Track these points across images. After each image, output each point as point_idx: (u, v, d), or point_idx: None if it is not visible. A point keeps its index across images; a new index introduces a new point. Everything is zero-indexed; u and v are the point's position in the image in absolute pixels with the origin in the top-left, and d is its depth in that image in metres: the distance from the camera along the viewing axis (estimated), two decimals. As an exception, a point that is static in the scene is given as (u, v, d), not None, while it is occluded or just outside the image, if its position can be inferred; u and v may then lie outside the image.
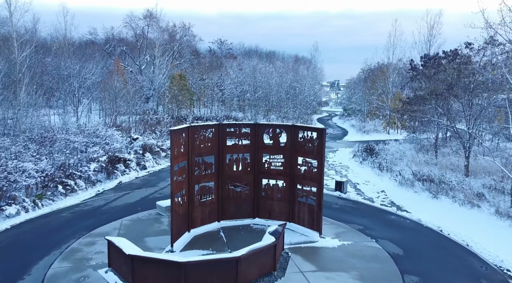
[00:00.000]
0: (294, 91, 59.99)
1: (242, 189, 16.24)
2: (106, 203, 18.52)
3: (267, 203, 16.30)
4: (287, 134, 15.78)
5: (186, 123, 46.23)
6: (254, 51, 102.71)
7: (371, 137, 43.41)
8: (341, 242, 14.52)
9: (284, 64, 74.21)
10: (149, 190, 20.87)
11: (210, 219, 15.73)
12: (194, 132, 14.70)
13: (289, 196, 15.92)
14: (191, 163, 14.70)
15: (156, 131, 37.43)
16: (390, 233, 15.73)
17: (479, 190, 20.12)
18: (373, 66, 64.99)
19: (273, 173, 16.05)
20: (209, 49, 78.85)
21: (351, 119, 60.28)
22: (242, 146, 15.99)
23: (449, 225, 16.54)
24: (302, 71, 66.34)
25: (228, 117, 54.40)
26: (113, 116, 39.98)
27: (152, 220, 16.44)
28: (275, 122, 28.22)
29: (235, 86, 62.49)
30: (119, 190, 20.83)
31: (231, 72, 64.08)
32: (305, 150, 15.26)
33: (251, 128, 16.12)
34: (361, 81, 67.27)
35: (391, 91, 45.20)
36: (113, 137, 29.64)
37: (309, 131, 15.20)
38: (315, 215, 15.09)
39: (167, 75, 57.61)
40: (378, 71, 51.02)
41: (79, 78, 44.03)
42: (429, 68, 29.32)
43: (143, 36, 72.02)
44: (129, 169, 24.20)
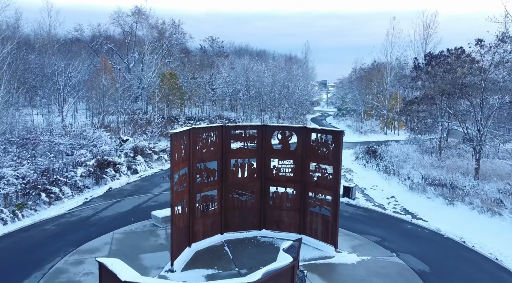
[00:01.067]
0: (288, 91, 58.60)
1: (248, 198, 14.69)
2: (95, 212, 16.74)
3: (275, 213, 14.78)
4: (298, 137, 14.28)
5: (177, 123, 44.46)
6: (245, 50, 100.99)
7: (369, 138, 42.20)
8: (359, 257, 13.07)
9: (276, 63, 72.74)
10: (142, 197, 19.14)
11: (212, 231, 14.15)
12: (195, 135, 13.10)
13: (300, 206, 14.42)
14: (192, 170, 13.10)
15: (147, 132, 35.59)
16: (410, 245, 14.37)
17: (496, 195, 18.94)
18: (366, 65, 64.19)
19: (282, 180, 14.54)
20: (200, 47, 76.90)
21: (346, 119, 59.17)
22: (248, 151, 14.45)
23: (472, 235, 15.26)
24: (295, 70, 64.89)
25: (221, 117, 52.71)
26: (101, 116, 37.95)
27: (147, 232, 14.75)
28: (284, 124, 26.65)
29: (227, 85, 60.80)
30: (109, 197, 19.05)
31: (223, 70, 62.35)
32: (319, 154, 13.78)
33: (258, 131, 14.58)
34: (354, 80, 66.35)
35: (388, 91, 44.13)
36: (102, 139, 27.76)
37: (324, 133, 13.73)
38: (330, 227, 13.62)
39: (157, 74, 55.62)
40: (376, 70, 49.96)
41: (64, 76, 41.84)
42: (435, 67, 28.18)
43: (131, 33, 69.77)
44: (120, 174, 22.40)
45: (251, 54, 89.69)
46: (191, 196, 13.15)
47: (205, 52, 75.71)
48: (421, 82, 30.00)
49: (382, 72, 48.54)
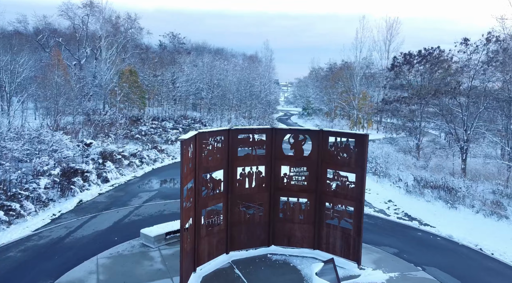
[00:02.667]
0: (253, 89, 57.13)
1: (256, 211, 12.93)
2: (69, 232, 14.14)
3: (286, 227, 13.15)
4: (313, 141, 12.74)
5: (142, 124, 41.34)
6: (202, 47, 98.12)
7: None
8: (387, 275, 11.78)
9: (237, 61, 71.01)
10: (121, 211, 16.68)
11: (217, 251, 12.26)
12: (201, 141, 11.15)
13: (315, 218, 12.90)
14: (197, 181, 11.14)
15: (110, 134, 32.41)
16: (431, 256, 13.35)
17: (491, 196, 18.65)
18: (328, 64, 64.31)
19: (294, 189, 12.93)
20: (160, 44, 73.14)
21: (313, 119, 58.76)
22: (256, 157, 12.68)
23: (486, 242, 14.60)
24: (260, 69, 63.61)
25: (185, 117, 50.06)
26: (56, 117, 34.11)
27: (138, 255, 12.51)
28: (296, 127, 24.91)
29: (190, 84, 58.12)
30: (81, 212, 16.40)
31: (185, 68, 59.57)
32: (338, 161, 12.32)
33: (267, 134, 12.87)
34: (320, 80, 66.28)
35: (358, 90, 44.04)
36: (62, 143, 24.53)
37: (344, 137, 12.28)
38: (352, 241, 12.22)
39: (114, 71, 51.75)
40: (343, 70, 49.78)
41: (8, 72, 37.26)
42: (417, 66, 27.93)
43: (82, 27, 64.74)
44: (89, 183, 19.66)
45: (209, 52, 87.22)
46: (197, 213, 11.21)
47: (165, 48, 72.13)
48: (400, 80, 29.65)
49: (350, 71, 48.45)
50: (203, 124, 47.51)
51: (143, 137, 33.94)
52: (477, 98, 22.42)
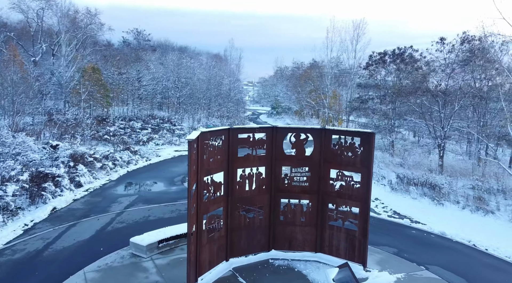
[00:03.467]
0: (222, 88, 56.15)
1: (256, 214, 12.26)
2: (47, 244, 12.78)
3: (287, 230, 12.57)
4: (315, 140, 12.25)
5: (108, 124, 39.26)
6: (165, 45, 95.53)
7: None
8: (393, 276, 11.51)
9: (202, 59, 69.75)
10: (102, 218, 15.40)
11: (218, 258, 11.49)
12: (203, 142, 10.32)
13: (317, 220, 12.43)
14: (200, 185, 10.31)
15: (77, 135, 30.38)
16: (430, 255, 13.30)
17: (476, 193, 19.10)
18: (293, 65, 64.61)
19: (295, 190, 12.38)
20: (123, 40, 70.15)
21: (282, 118, 58.68)
22: (256, 158, 12.01)
23: (478, 237, 14.80)
24: (227, 68, 62.73)
25: (153, 116, 48.21)
26: (15, 117, 31.52)
27: (129, 267, 11.46)
28: (297, 125, 24.18)
29: (156, 82, 56.17)
30: (57, 221, 14.97)
31: (151, 66, 57.51)
32: (342, 160, 11.90)
33: (267, 134, 12.22)
34: (282, 79, 66.55)
35: (329, 89, 44.34)
36: (25, 145, 22.55)
37: (349, 135, 11.87)
38: (357, 243, 11.85)
39: (75, 68, 48.89)
40: (315, 69, 49.96)
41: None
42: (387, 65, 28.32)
43: (37, 21, 60.79)
44: (61, 189, 18.10)
45: (173, 50, 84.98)
46: (199, 218, 10.37)
47: (128, 45, 69.34)
48: (374, 79, 29.97)
49: (319, 70, 48.70)
50: (172, 124, 46.00)
51: (112, 138, 32.15)
52: (454, 97, 22.97)
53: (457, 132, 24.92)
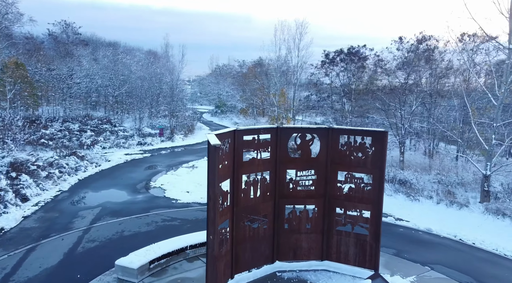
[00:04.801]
0: (164, 86, 53.29)
1: (260, 224, 11.14)
2: (5, 276, 10.40)
3: (292, 239, 11.62)
4: (321, 140, 11.43)
5: (40, 126, 34.90)
6: (92, 40, 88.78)
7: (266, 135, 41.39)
8: (406, 280, 11.16)
9: (143, 55, 65.99)
10: (66, 237, 13.11)
11: (225, 277, 10.20)
12: (215, 146, 8.92)
13: (323, 226, 11.64)
14: (217, 194, 8.91)
15: (7, 139, 26.36)
16: (428, 253, 13.25)
17: (444, 187, 19.79)
18: (236, 63, 63.79)
19: (301, 195, 11.47)
20: (49, 33, 63.42)
21: (228, 117, 57.42)
22: (261, 162, 10.89)
23: (463, 232, 15.15)
24: (168, 65, 59.71)
25: (90, 117, 44.09)
26: None
27: (120, 296, 9.68)
28: (301, 125, 22.70)
29: (90, 80, 51.65)
30: (9, 244, 12.42)
31: (84, 62, 52.73)
32: (351, 161, 11.23)
33: (271, 134, 11.13)
34: (222, 77, 65.40)
35: (278, 88, 44.06)
36: None
37: (359, 135, 11.22)
38: (369, 248, 11.28)
39: (-7, 63, 42.93)
40: (262, 67, 49.38)
41: None
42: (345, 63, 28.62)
43: None
44: (5, 205, 15.24)
45: (103, 45, 79.18)
46: (216, 232, 8.97)
47: (56, 38, 62.97)
48: (329, 78, 30.16)
49: (264, 68, 48.30)
50: (113, 125, 42.48)
51: (50, 142, 28.53)
52: (413, 95, 23.75)
53: (414, 129, 25.90)
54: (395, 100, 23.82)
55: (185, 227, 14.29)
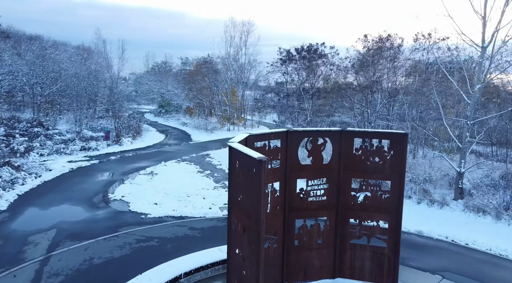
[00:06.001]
0: (101, 84, 49.00)
1: (270, 243, 9.62)
2: None
3: (302, 257, 10.28)
4: (334, 144, 10.21)
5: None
6: (11, 32, 79.67)
7: (221, 136, 39.65)
8: (426, 293, 10.35)
9: (77, 51, 60.40)
10: (19, 273, 10.45)
11: (238, 312, 8.51)
12: (235, 156, 7.28)
13: (335, 239, 10.45)
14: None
15: None
16: (428, 259, 12.71)
17: (418, 186, 19.75)
18: (179, 60, 61.02)
19: (312, 207, 10.17)
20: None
21: (173, 117, 54.39)
22: (271, 171, 9.36)
23: (453, 233, 14.89)
24: (104, 62, 55.19)
25: (17, 119, 38.79)
26: None
27: None
28: (314, 128, 20.53)
29: (14, 77, 45.69)
30: None
31: (5, 56, 46.47)
32: (367, 167, 10.15)
33: (281, 140, 9.67)
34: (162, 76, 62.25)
35: (229, 86, 42.49)
36: None
37: (376, 138, 10.16)
38: (387, 261, 10.31)
39: None
40: (210, 65, 47.24)
41: None
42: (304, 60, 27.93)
43: None
44: None
45: (24, 39, 71.25)
46: (231, 267, 7.30)
47: (-32, 30, 54.86)
48: (289, 76, 29.33)
49: (213, 66, 46.46)
50: (45, 128, 37.78)
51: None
52: (379, 93, 23.64)
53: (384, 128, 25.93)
54: (361, 99, 23.56)
55: (166, 249, 12.27)
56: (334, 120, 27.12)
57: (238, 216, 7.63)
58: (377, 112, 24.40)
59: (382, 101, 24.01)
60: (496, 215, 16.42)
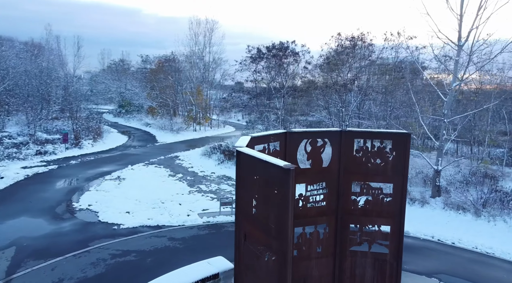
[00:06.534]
0: (55, 83, 45.78)
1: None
2: None
3: (301, 267, 9.53)
4: (333, 146, 9.52)
5: None
6: None
7: (187, 136, 38.23)
8: (428, 298, 9.96)
9: (26, 47, 56.25)
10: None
11: None
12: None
13: (335, 247, 9.78)
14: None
15: None
16: (421, 261, 12.46)
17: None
18: (139, 58, 58.77)
19: (311, 214, 9.43)
20: None
21: (134, 117, 51.97)
22: (271, 177, 8.50)
23: (439, 232, 14.91)
24: (58, 59, 51.78)
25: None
26: None
27: None
28: (311, 129, 19.19)
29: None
30: None
31: None
32: (368, 169, 9.55)
33: (280, 142, 8.86)
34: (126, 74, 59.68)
35: (195, 85, 41.05)
36: None
37: (377, 138, 9.59)
38: (389, 268, 9.77)
39: None
40: (175, 63, 45.40)
41: None
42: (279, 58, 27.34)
43: None
44: None
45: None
46: None
47: None
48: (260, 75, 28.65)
49: (177, 64, 44.84)
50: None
51: None
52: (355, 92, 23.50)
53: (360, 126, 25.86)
54: (334, 97, 23.31)
55: (146, 263, 11.08)
56: (309, 119, 26.74)
57: (251, 231, 6.71)
58: (352, 110, 24.26)
59: (356, 100, 23.88)
60: (475, 212, 16.57)
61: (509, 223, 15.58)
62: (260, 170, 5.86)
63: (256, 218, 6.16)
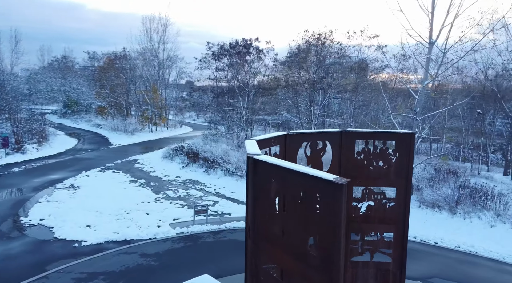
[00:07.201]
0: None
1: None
2: None
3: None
4: (333, 149, 8.68)
5: None
6: None
7: (143, 138, 36.02)
8: (430, 306, 9.44)
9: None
10: None
11: None
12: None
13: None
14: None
15: None
16: (411, 264, 11.98)
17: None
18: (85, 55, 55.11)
19: (311, 224, 8.50)
20: None
21: (83, 118, 48.36)
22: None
23: (421, 232, 14.76)
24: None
25: None
26: None
27: None
28: (310, 130, 17.44)
29: None
30: None
31: None
32: (370, 173, 8.83)
33: (280, 145, 7.85)
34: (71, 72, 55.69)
35: (150, 83, 38.79)
36: None
37: (379, 139, 8.87)
38: (392, 278, 9.13)
39: None
40: (126, 60, 42.59)
41: None
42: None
43: None
44: None
45: None
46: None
47: None
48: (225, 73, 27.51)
49: (130, 62, 42.30)
50: None
51: None
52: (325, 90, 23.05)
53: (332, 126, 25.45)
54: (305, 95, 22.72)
55: (119, 288, 9.58)
56: (278, 119, 26.00)
57: (276, 257, 5.50)
58: (321, 109, 23.80)
59: (324, 98, 23.45)
60: (450, 209, 16.63)
61: (484, 220, 15.75)
62: (293, 183, 4.76)
63: (284, 242, 5.05)
